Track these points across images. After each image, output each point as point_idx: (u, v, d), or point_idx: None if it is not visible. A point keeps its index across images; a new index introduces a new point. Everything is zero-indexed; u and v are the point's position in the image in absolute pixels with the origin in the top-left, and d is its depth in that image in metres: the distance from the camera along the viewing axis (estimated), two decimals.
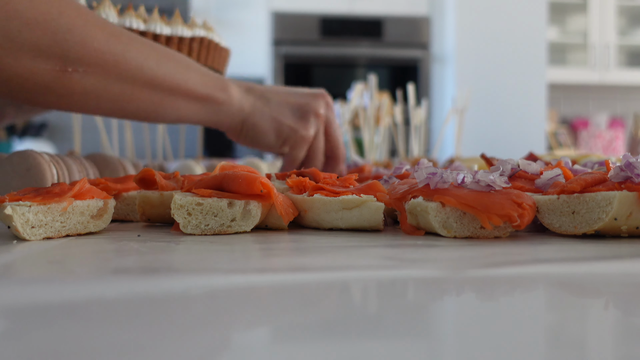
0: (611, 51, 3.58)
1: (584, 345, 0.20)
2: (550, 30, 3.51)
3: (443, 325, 0.23)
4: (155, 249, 0.36)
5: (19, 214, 0.38)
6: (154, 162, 0.93)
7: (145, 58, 0.57)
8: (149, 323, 0.21)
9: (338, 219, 0.44)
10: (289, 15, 3.43)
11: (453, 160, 0.92)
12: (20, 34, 0.50)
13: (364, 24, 3.46)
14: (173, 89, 0.60)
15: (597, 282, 0.28)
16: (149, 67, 0.57)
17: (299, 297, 0.25)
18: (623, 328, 0.21)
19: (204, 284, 0.27)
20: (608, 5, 3.55)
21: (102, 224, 0.44)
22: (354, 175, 0.49)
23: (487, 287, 0.27)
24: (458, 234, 0.40)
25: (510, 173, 0.45)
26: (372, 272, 0.30)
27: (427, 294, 0.26)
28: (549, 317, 0.23)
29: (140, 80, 0.57)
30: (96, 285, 0.27)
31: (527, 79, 3.21)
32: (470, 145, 2.76)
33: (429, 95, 3.44)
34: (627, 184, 0.37)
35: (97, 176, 0.63)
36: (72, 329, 0.21)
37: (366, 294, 0.27)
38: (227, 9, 3.44)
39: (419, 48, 3.47)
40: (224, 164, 0.47)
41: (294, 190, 0.47)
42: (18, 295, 0.25)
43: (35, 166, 0.52)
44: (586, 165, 0.57)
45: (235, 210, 0.42)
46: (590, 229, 0.38)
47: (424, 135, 1.36)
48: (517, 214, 0.38)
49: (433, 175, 0.41)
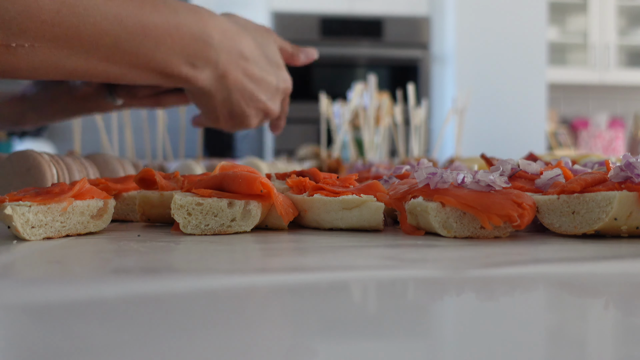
0: (611, 51, 3.58)
1: (584, 345, 0.20)
2: (550, 30, 3.51)
3: (443, 325, 0.23)
4: (155, 249, 0.36)
5: (19, 214, 0.38)
6: (154, 162, 0.93)
7: (105, 32, 0.50)
8: (149, 323, 0.21)
9: (338, 219, 0.44)
10: (289, 15, 3.43)
11: (453, 160, 0.92)
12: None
13: (364, 24, 3.46)
14: (135, 64, 0.54)
15: (597, 282, 0.28)
16: (108, 43, 0.51)
17: (299, 297, 0.25)
18: (623, 328, 0.21)
19: (204, 284, 0.27)
20: (608, 5, 3.55)
21: (102, 224, 0.44)
22: (354, 175, 0.49)
23: (487, 287, 0.27)
24: (458, 234, 0.40)
25: (510, 173, 0.45)
26: (372, 272, 0.30)
27: (427, 294, 0.26)
28: (549, 317, 0.23)
29: (96, 55, 0.51)
30: (96, 285, 0.27)
31: (527, 79, 3.21)
32: (470, 145, 2.76)
33: (429, 95, 3.44)
34: (627, 184, 0.37)
35: (97, 176, 0.63)
36: (72, 329, 0.21)
37: (366, 294, 0.27)
38: (227, 9, 3.43)
39: (419, 48, 3.47)
40: (224, 164, 0.47)
41: (294, 190, 0.47)
42: (18, 295, 0.25)
43: (35, 166, 0.52)
44: (586, 165, 0.57)
45: (235, 210, 0.42)
46: (590, 229, 0.38)
47: (424, 135, 1.36)
48: (517, 214, 0.38)
49: (433, 175, 0.41)
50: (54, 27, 0.47)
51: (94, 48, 0.50)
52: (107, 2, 0.50)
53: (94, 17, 0.49)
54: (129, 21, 0.51)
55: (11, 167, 0.52)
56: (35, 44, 0.47)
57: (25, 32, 0.46)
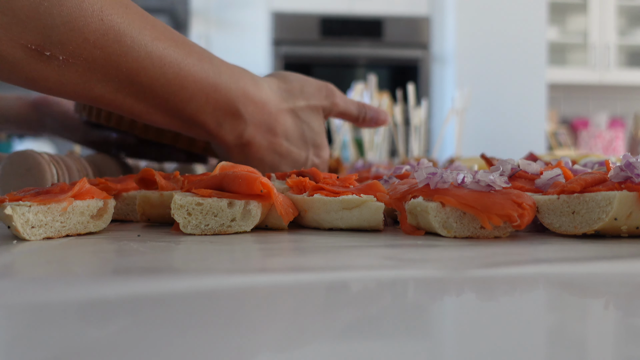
0: (611, 51, 3.58)
1: (584, 345, 0.20)
2: (550, 30, 3.51)
3: (443, 325, 0.23)
4: (155, 249, 0.36)
5: (19, 214, 0.38)
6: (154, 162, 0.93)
7: (144, 70, 0.48)
8: (149, 323, 0.21)
9: (338, 219, 0.44)
10: (289, 15, 3.44)
11: (453, 160, 0.92)
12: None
13: (364, 24, 3.46)
14: (164, 109, 0.52)
15: (597, 282, 0.28)
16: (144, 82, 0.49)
17: (299, 297, 0.25)
18: (623, 328, 0.21)
19: (204, 284, 0.27)
20: (608, 5, 3.56)
21: (102, 224, 0.44)
22: (354, 175, 0.49)
23: (487, 287, 0.27)
24: (458, 234, 0.40)
25: (510, 173, 0.45)
26: (372, 272, 0.30)
27: (427, 294, 0.26)
28: (549, 317, 0.23)
29: (127, 90, 0.49)
30: (96, 285, 0.27)
31: (527, 79, 3.21)
32: (470, 145, 2.76)
33: (429, 95, 3.44)
34: (627, 184, 0.37)
35: (97, 176, 0.63)
36: (72, 329, 0.21)
37: (366, 294, 0.27)
38: (227, 9, 3.44)
39: (419, 48, 3.47)
40: (224, 164, 0.47)
41: (294, 190, 0.47)
42: (18, 295, 0.25)
43: (35, 166, 0.52)
44: (586, 165, 0.57)
45: (235, 210, 0.42)
46: (590, 229, 0.38)
47: (424, 135, 1.36)
48: (517, 214, 0.38)
49: (433, 175, 0.41)
50: (95, 49, 0.45)
51: (127, 82, 0.48)
52: (155, 42, 0.48)
53: (137, 52, 0.47)
54: (170, 68, 0.50)
55: (11, 167, 0.52)
56: (70, 60, 0.44)
57: (64, 45, 0.43)
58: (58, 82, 0.46)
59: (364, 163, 1.13)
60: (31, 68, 0.44)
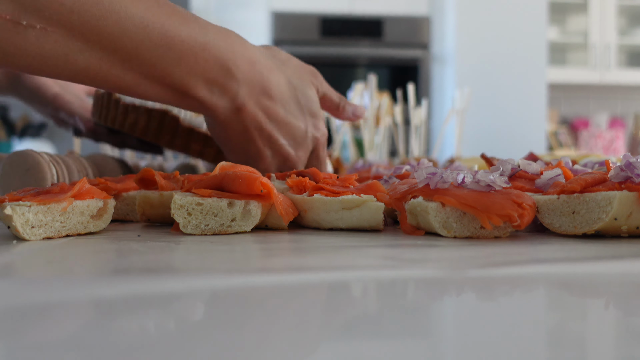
0: (611, 51, 3.58)
1: (584, 345, 0.20)
2: (551, 30, 3.51)
3: (443, 325, 0.23)
4: (155, 249, 0.36)
5: (19, 214, 0.38)
6: (154, 162, 0.93)
7: (126, 33, 0.46)
8: (149, 323, 0.21)
9: (338, 219, 0.44)
10: (289, 15, 3.43)
11: (453, 160, 0.92)
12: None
13: (364, 24, 3.46)
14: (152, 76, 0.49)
15: (597, 282, 0.28)
16: (128, 47, 0.46)
17: (299, 297, 0.25)
18: (623, 328, 0.21)
19: (204, 284, 0.27)
20: (608, 5, 3.55)
21: (102, 224, 0.44)
22: (354, 175, 0.49)
23: (487, 287, 0.27)
24: (458, 234, 0.40)
25: (510, 173, 0.45)
26: (372, 272, 0.30)
27: (427, 294, 0.26)
28: (549, 317, 0.23)
29: (111, 57, 0.46)
30: (96, 285, 0.27)
31: (527, 79, 3.21)
32: (470, 145, 2.76)
33: (429, 95, 3.44)
34: (627, 184, 0.37)
35: (97, 176, 0.63)
36: (72, 329, 0.21)
37: (366, 294, 0.27)
38: (227, 9, 3.44)
39: (419, 48, 3.47)
40: (224, 164, 0.47)
41: (294, 190, 0.47)
42: (18, 295, 0.25)
43: (35, 166, 0.52)
44: (586, 165, 0.57)
45: (235, 210, 0.42)
46: (590, 229, 0.38)
47: (424, 135, 1.36)
48: (517, 214, 0.38)
49: (433, 175, 0.41)
50: (72, 14, 0.43)
51: (111, 48, 0.46)
52: (135, 2, 0.46)
53: (117, 13, 0.45)
54: (154, 28, 0.47)
55: (11, 167, 0.52)
56: (48, 28, 0.42)
57: (39, 11, 0.42)
58: (39, 56, 0.44)
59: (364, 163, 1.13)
60: (9, 42, 0.42)
